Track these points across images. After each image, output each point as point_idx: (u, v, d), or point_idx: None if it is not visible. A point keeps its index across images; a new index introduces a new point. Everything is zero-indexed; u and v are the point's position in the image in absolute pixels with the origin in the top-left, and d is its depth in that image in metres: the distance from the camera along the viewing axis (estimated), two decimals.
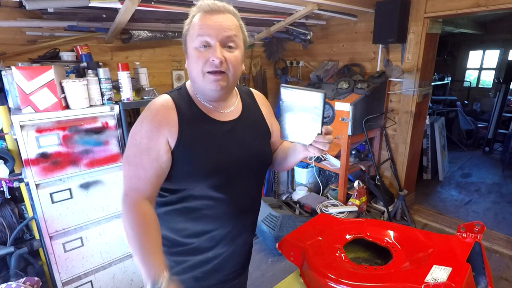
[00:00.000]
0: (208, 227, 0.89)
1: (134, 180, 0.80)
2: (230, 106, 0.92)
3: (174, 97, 0.85)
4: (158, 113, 0.81)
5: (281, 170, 1.10)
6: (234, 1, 2.05)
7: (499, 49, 6.08)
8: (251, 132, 0.94)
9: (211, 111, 0.87)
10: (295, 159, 0.93)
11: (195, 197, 0.85)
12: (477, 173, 4.11)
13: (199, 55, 0.78)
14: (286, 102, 0.74)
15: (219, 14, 0.79)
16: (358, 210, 2.70)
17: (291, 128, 0.77)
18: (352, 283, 0.84)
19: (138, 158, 0.79)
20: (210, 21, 0.78)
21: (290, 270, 2.15)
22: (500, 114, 4.74)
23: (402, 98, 2.77)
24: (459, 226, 1.00)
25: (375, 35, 2.63)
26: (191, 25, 0.80)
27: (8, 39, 1.92)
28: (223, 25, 0.78)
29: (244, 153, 0.89)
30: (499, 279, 2.20)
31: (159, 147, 0.79)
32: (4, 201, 1.86)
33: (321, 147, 0.77)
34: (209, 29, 0.77)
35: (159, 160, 0.80)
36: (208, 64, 0.78)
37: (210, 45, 0.78)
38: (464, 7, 2.24)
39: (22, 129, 1.49)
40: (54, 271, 1.70)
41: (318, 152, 0.79)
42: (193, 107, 0.86)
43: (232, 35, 0.79)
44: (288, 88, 0.73)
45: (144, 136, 0.79)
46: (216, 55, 0.76)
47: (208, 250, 0.92)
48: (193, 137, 0.82)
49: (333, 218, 1.26)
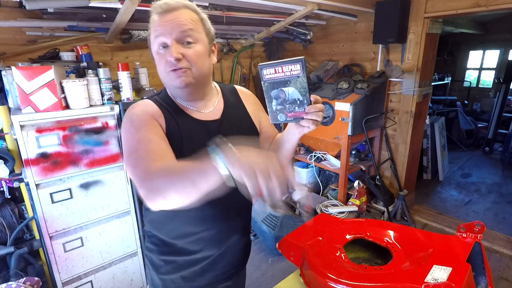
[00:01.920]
0: (195, 229, 0.89)
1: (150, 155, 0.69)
2: (210, 105, 0.90)
3: (155, 100, 0.85)
4: (146, 108, 0.81)
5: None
6: (234, 1, 2.05)
7: (499, 49, 6.08)
8: (236, 131, 0.91)
9: (192, 111, 0.87)
10: (291, 144, 0.88)
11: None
12: (477, 173, 4.11)
13: (160, 57, 0.78)
14: (268, 81, 0.72)
15: (173, 11, 0.76)
16: (358, 210, 2.70)
17: (279, 108, 0.74)
18: (352, 283, 0.84)
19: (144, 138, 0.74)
20: (163, 21, 0.76)
21: (290, 270, 2.15)
22: (500, 114, 4.74)
23: (402, 98, 2.77)
24: (459, 226, 1.00)
25: (375, 35, 2.63)
26: (150, 28, 0.79)
27: (8, 39, 1.92)
28: (176, 22, 0.76)
29: None
30: (499, 279, 2.20)
31: (159, 128, 0.79)
32: (4, 201, 1.86)
33: (315, 117, 0.72)
34: (163, 29, 0.75)
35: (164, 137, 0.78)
36: (168, 64, 0.77)
37: (168, 45, 0.76)
38: (464, 7, 2.24)
39: (22, 129, 1.49)
40: (54, 271, 1.70)
41: (312, 124, 0.74)
42: (174, 108, 0.85)
43: (187, 29, 0.76)
44: (266, 65, 0.71)
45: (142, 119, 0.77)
46: (170, 53, 0.75)
47: (196, 252, 0.91)
48: (178, 135, 0.81)
49: (333, 218, 1.26)
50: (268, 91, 0.73)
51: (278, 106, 0.73)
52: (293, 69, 0.69)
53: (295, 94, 0.71)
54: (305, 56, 3.34)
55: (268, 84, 0.72)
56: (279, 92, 0.72)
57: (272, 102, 0.73)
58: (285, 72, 0.70)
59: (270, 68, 0.71)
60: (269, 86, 0.72)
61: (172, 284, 0.94)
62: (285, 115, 0.74)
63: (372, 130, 2.84)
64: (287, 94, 0.72)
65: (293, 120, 0.75)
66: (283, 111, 0.74)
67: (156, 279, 0.95)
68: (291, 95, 0.71)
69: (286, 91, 0.71)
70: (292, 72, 0.69)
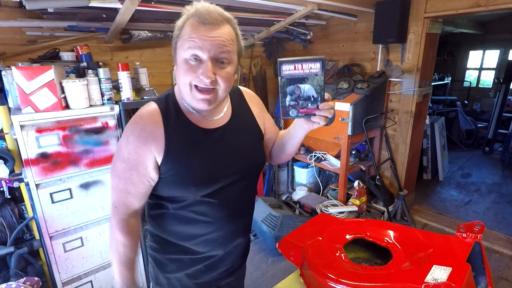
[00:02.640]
0: (202, 231, 0.89)
1: (124, 194, 0.82)
2: (220, 111, 0.89)
3: (162, 106, 0.82)
4: (145, 128, 0.78)
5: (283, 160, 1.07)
6: (234, 1, 2.05)
7: (499, 49, 6.08)
8: (242, 136, 0.92)
9: (199, 120, 0.85)
10: (298, 139, 0.91)
11: (187, 204, 0.84)
12: (477, 173, 4.11)
13: (188, 68, 0.74)
14: (286, 77, 0.72)
15: (216, 27, 0.73)
16: (358, 210, 2.70)
17: (293, 104, 0.74)
18: (352, 283, 0.84)
19: (128, 173, 0.79)
20: (204, 35, 0.72)
21: (290, 270, 2.15)
22: (500, 114, 4.74)
23: (402, 98, 2.77)
24: (459, 226, 1.00)
25: (375, 35, 2.63)
26: (183, 31, 0.75)
27: (8, 39, 1.92)
28: (217, 41, 0.73)
29: (235, 159, 0.88)
30: (499, 279, 2.20)
31: (147, 163, 0.78)
32: (4, 201, 1.86)
33: (327, 114, 0.75)
34: (202, 43, 0.72)
35: (148, 176, 0.80)
36: (197, 79, 0.74)
37: (202, 60, 0.73)
38: (464, 7, 2.24)
39: (22, 129, 1.49)
40: (54, 271, 1.70)
41: (323, 121, 0.76)
42: (180, 117, 0.83)
43: (226, 50, 0.74)
44: (287, 61, 0.71)
45: (132, 152, 0.78)
46: (206, 74, 0.72)
47: (202, 252, 0.92)
48: (180, 149, 0.80)
49: (333, 218, 1.26)
50: (284, 86, 0.73)
51: (291, 101, 0.74)
52: (313, 67, 0.70)
53: (311, 91, 0.73)
54: (305, 56, 3.32)
55: (285, 80, 0.72)
56: (295, 88, 0.73)
57: (286, 98, 0.74)
58: (305, 69, 0.71)
59: (290, 65, 0.71)
60: (286, 82, 0.72)
61: (178, 282, 0.94)
62: (297, 111, 0.75)
63: (372, 130, 2.84)
64: (303, 91, 0.73)
65: (304, 116, 0.76)
66: (295, 107, 0.75)
67: (161, 277, 0.95)
68: (306, 92, 0.73)
69: (302, 87, 0.73)
70: (311, 70, 0.71)
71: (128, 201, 0.83)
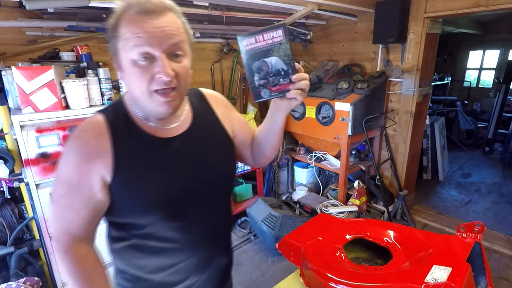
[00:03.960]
0: (173, 260, 0.77)
1: (64, 223, 0.70)
2: (178, 118, 0.77)
3: (109, 117, 0.70)
4: (87, 142, 0.67)
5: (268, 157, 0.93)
6: (234, 1, 2.05)
7: (499, 49, 6.08)
8: (206, 144, 0.80)
9: (154, 129, 0.73)
10: (278, 125, 0.79)
11: (151, 231, 0.73)
12: (477, 173, 4.11)
13: (141, 71, 0.62)
14: (248, 53, 0.65)
15: (159, 15, 0.62)
16: (358, 210, 2.70)
17: (263, 83, 0.67)
18: (352, 283, 0.84)
19: (68, 198, 0.68)
20: (148, 26, 0.61)
21: (290, 270, 2.14)
22: (500, 114, 4.74)
23: (402, 98, 2.77)
24: (459, 226, 1.00)
25: (375, 35, 2.63)
26: (121, 29, 0.63)
27: (8, 39, 1.92)
28: (167, 31, 0.62)
29: (199, 172, 0.76)
30: (499, 279, 2.20)
31: (92, 183, 0.66)
32: (4, 201, 1.86)
33: (303, 85, 0.67)
34: (150, 37, 0.61)
35: (93, 200, 0.68)
36: (155, 82, 0.63)
37: (153, 57, 0.62)
38: (464, 7, 2.24)
39: (22, 129, 1.49)
40: (54, 271, 1.70)
41: (300, 95, 0.68)
42: (132, 128, 0.71)
43: (178, 41, 0.64)
44: (245, 35, 0.64)
45: (72, 172, 0.66)
46: (165, 71, 0.62)
47: (178, 283, 0.79)
48: (133, 164, 0.69)
49: (333, 218, 1.26)
50: (249, 64, 0.66)
51: (261, 80, 0.67)
52: (275, 36, 0.64)
53: (279, 64, 0.66)
54: (305, 56, 3.34)
55: (248, 56, 0.65)
56: (261, 64, 0.66)
57: (254, 77, 0.67)
58: (266, 40, 0.64)
59: (250, 38, 0.64)
60: (250, 58, 0.65)
61: None
62: (269, 90, 0.67)
63: (372, 130, 2.84)
64: (270, 65, 0.66)
65: (279, 95, 0.68)
66: (266, 86, 0.67)
67: None
68: (274, 65, 0.66)
69: (268, 61, 0.65)
70: (274, 40, 0.64)
71: (71, 230, 0.69)
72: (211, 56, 3.03)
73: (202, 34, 2.67)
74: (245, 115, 2.92)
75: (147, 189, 0.69)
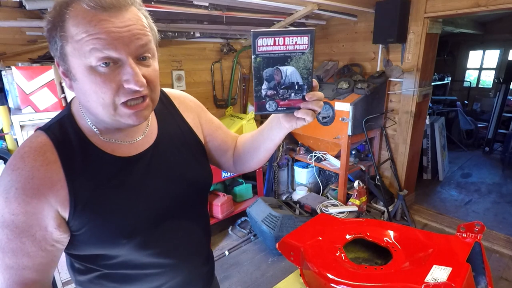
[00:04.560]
0: (152, 285, 0.69)
1: (17, 272, 0.55)
2: (142, 129, 0.66)
3: (56, 137, 0.57)
4: (32, 175, 0.53)
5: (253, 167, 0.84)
6: (234, 1, 2.06)
7: (499, 49, 6.08)
8: (177, 157, 0.71)
9: (116, 147, 0.62)
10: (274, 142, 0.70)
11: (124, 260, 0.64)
12: (477, 173, 4.11)
13: (103, 79, 0.51)
14: (261, 55, 0.53)
15: (121, 11, 0.51)
16: (358, 210, 2.70)
17: (270, 94, 0.56)
18: (352, 283, 0.84)
19: (16, 243, 0.54)
20: (110, 26, 0.50)
21: (290, 270, 2.14)
22: (500, 114, 4.74)
23: (402, 98, 2.77)
24: (459, 226, 1.00)
25: (375, 35, 2.63)
26: (69, 28, 0.50)
27: (8, 39, 1.92)
28: (133, 30, 0.52)
29: (174, 189, 0.68)
30: (499, 279, 2.20)
31: (45, 222, 0.54)
32: None
33: (316, 107, 0.57)
34: (113, 39, 0.50)
35: (50, 240, 0.56)
36: (122, 92, 0.53)
37: (118, 62, 0.52)
38: (464, 7, 2.24)
39: (22, 129, 1.49)
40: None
41: (311, 116, 0.57)
42: (87, 148, 0.59)
43: (147, 42, 0.55)
44: (264, 33, 0.52)
45: (17, 212, 0.52)
46: (136, 79, 0.52)
47: None
48: (95, 195, 0.58)
49: (333, 218, 1.26)
50: (259, 69, 0.54)
51: (269, 90, 0.56)
52: (299, 43, 0.53)
53: (294, 76, 0.55)
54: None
55: (261, 59, 0.54)
56: (274, 71, 0.55)
57: (262, 85, 0.56)
58: (287, 45, 0.53)
59: (268, 38, 0.52)
60: (262, 62, 0.54)
61: None
62: (275, 104, 0.57)
63: (372, 130, 2.84)
64: (284, 75, 0.55)
65: (286, 111, 0.58)
66: (274, 98, 0.56)
67: None
68: (289, 76, 0.55)
69: (283, 70, 0.55)
70: (296, 47, 0.53)
71: (25, 279, 0.56)
72: (211, 56, 3.04)
73: (202, 34, 2.67)
74: (245, 115, 2.92)
75: (115, 219, 0.59)
